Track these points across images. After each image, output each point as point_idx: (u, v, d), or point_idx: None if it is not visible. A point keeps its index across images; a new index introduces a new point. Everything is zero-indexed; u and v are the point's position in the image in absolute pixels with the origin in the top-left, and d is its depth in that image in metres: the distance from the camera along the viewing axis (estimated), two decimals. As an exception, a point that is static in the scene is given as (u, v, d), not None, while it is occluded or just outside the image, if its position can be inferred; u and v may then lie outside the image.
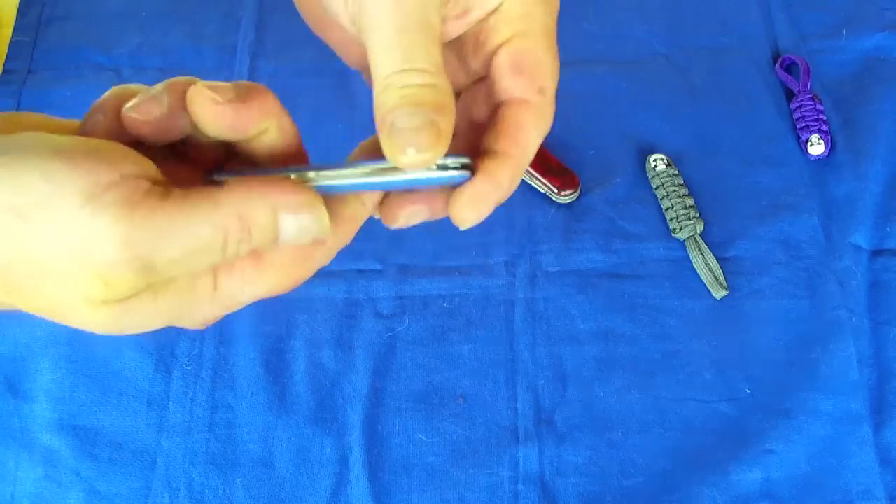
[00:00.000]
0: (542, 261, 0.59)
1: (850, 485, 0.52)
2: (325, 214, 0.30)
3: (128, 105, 0.30)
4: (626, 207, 0.61)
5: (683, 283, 0.58)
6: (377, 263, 0.59)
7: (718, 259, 0.58)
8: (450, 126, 0.29)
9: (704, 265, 0.58)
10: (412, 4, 0.30)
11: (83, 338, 0.57)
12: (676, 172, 0.61)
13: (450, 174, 0.30)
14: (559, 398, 0.55)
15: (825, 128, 0.61)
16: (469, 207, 0.31)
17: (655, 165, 0.61)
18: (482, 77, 0.34)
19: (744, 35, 0.68)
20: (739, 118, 0.64)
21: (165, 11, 0.72)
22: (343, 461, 0.54)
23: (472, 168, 0.31)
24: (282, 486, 0.53)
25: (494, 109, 0.33)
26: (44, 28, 0.71)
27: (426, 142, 0.29)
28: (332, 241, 0.32)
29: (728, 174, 0.62)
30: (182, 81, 0.30)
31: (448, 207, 0.31)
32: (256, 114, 0.30)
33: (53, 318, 0.30)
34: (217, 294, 0.30)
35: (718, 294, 0.57)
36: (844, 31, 0.67)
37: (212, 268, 0.30)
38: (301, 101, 0.66)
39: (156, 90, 0.30)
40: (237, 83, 0.30)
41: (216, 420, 0.55)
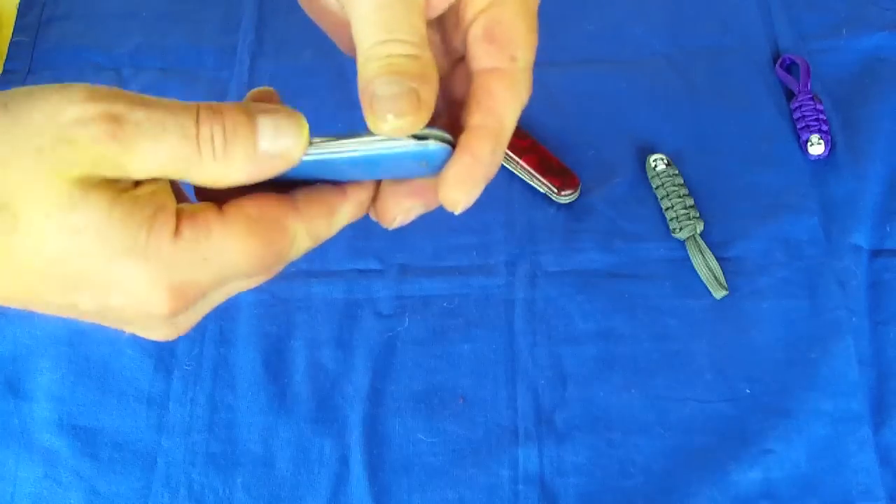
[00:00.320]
0: (542, 261, 0.59)
1: (850, 485, 0.52)
2: (305, 122, 0.29)
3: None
4: (626, 207, 0.61)
5: (683, 283, 0.58)
6: (377, 263, 0.59)
7: (718, 259, 0.58)
8: (431, 96, 0.29)
9: (704, 265, 0.58)
10: None
11: (83, 338, 0.57)
12: (676, 172, 0.61)
13: (426, 144, 0.29)
14: (559, 398, 0.55)
15: (825, 128, 0.61)
16: (456, 188, 0.30)
17: (655, 165, 0.61)
18: (463, 56, 0.34)
19: (744, 35, 0.68)
20: (739, 118, 0.64)
21: (165, 11, 0.72)
22: (343, 461, 0.54)
23: (454, 144, 0.30)
24: (282, 486, 0.53)
25: (471, 80, 0.32)
26: (44, 28, 0.71)
27: (405, 108, 0.28)
28: (310, 229, 0.31)
29: (728, 174, 0.62)
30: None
31: (438, 191, 0.31)
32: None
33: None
34: (178, 241, 0.28)
35: (718, 294, 0.57)
36: (844, 31, 0.67)
37: (173, 217, 0.28)
38: (301, 101, 0.65)
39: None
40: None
41: (216, 420, 0.55)
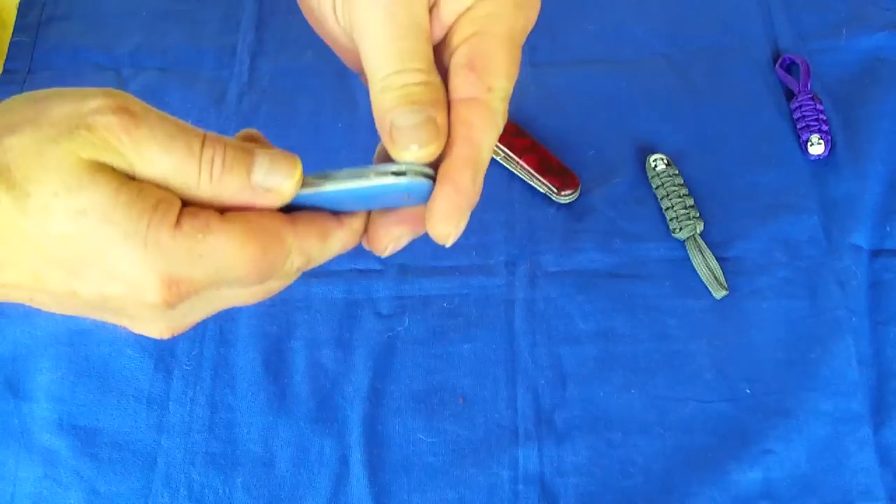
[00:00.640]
0: (542, 261, 0.59)
1: (850, 485, 0.52)
2: (299, 162, 0.31)
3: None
4: (626, 207, 0.61)
5: (683, 283, 0.58)
6: (377, 263, 0.59)
7: (718, 259, 0.58)
8: (445, 119, 0.31)
9: (704, 265, 0.58)
10: (403, 13, 0.31)
11: (83, 338, 0.57)
12: (676, 172, 0.61)
13: (405, 180, 0.31)
14: (559, 398, 0.55)
15: (825, 128, 0.61)
16: (443, 221, 0.31)
17: (655, 165, 0.61)
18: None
19: (744, 35, 0.68)
20: (739, 118, 0.64)
21: (165, 11, 0.72)
22: (343, 461, 0.54)
23: (432, 175, 0.31)
24: (282, 486, 0.53)
25: (450, 108, 0.33)
26: (44, 28, 0.71)
27: (427, 137, 0.30)
28: (304, 247, 0.32)
29: (728, 174, 0.62)
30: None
31: (426, 226, 0.32)
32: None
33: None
34: (177, 233, 0.29)
35: (718, 294, 0.57)
36: (844, 31, 0.67)
37: (176, 210, 0.29)
38: (301, 101, 0.66)
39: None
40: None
41: (216, 420, 0.55)
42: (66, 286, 0.29)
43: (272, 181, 0.30)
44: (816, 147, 0.61)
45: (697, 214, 0.59)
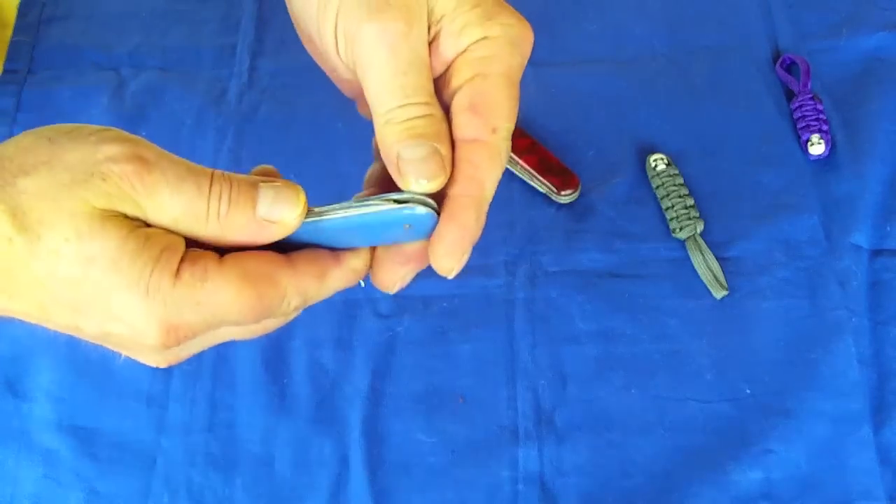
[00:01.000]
0: (542, 261, 0.59)
1: (850, 485, 0.52)
2: (303, 193, 0.32)
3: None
4: (626, 207, 0.61)
5: (683, 283, 0.58)
6: (377, 263, 0.59)
7: (718, 259, 0.58)
8: (449, 150, 0.33)
9: (704, 265, 0.58)
10: (405, 48, 0.32)
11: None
12: (676, 172, 0.61)
13: (408, 208, 0.32)
14: (559, 398, 0.55)
15: (825, 128, 0.61)
16: (448, 257, 0.33)
17: (655, 165, 0.61)
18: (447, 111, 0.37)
19: (744, 35, 0.68)
20: (739, 118, 0.64)
21: (165, 11, 0.72)
22: (343, 461, 0.54)
23: (434, 207, 0.33)
24: (282, 486, 0.53)
25: (453, 148, 0.34)
26: (44, 28, 0.71)
27: (434, 170, 0.32)
28: (301, 287, 0.33)
29: (728, 174, 0.62)
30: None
31: (430, 259, 0.34)
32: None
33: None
34: (177, 282, 0.30)
35: (718, 294, 0.57)
36: (844, 31, 0.67)
37: (178, 258, 0.31)
38: (301, 101, 0.66)
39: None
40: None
41: (216, 420, 0.55)
42: (71, 321, 0.31)
43: (276, 213, 0.32)
44: (816, 147, 0.61)
45: (697, 214, 0.59)
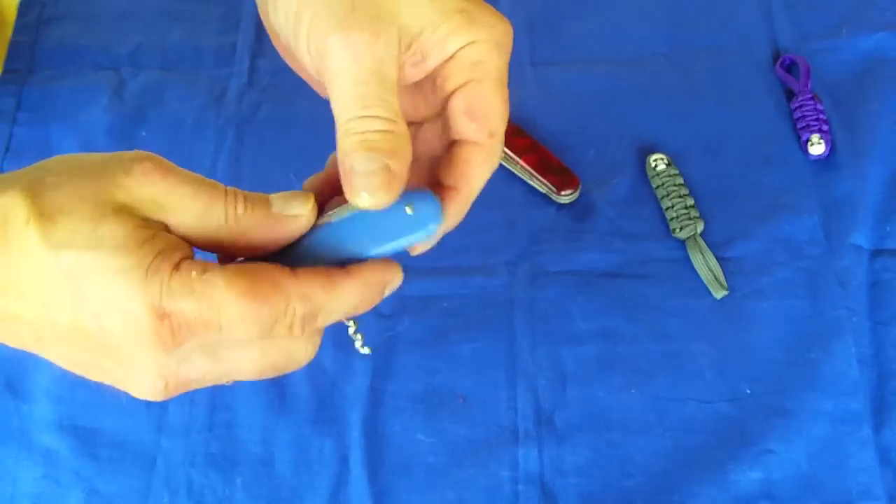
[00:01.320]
0: (543, 261, 0.59)
1: (850, 485, 0.52)
2: (311, 194, 0.34)
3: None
4: (627, 207, 0.61)
5: (683, 283, 0.58)
6: (377, 263, 0.59)
7: (718, 259, 0.58)
8: (403, 168, 0.33)
9: (704, 265, 0.58)
10: (368, 58, 0.32)
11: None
12: (676, 172, 0.61)
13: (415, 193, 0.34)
14: (559, 398, 0.55)
15: (825, 128, 0.61)
16: (421, 246, 0.35)
17: (656, 165, 0.61)
18: (434, 115, 0.38)
19: (744, 35, 0.68)
20: (739, 118, 0.64)
21: (165, 11, 0.72)
22: (343, 461, 0.54)
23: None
24: (282, 486, 0.53)
25: (448, 146, 0.36)
26: (44, 28, 0.71)
27: (377, 185, 0.32)
28: (305, 293, 0.32)
29: (728, 174, 0.62)
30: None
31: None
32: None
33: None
34: (175, 272, 0.30)
35: (718, 294, 0.57)
36: (844, 31, 0.67)
37: (181, 255, 0.31)
38: (300, 100, 0.65)
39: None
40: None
41: (216, 420, 0.55)
42: (70, 316, 0.30)
43: (290, 208, 0.33)
44: (816, 147, 0.61)
45: (697, 214, 0.59)
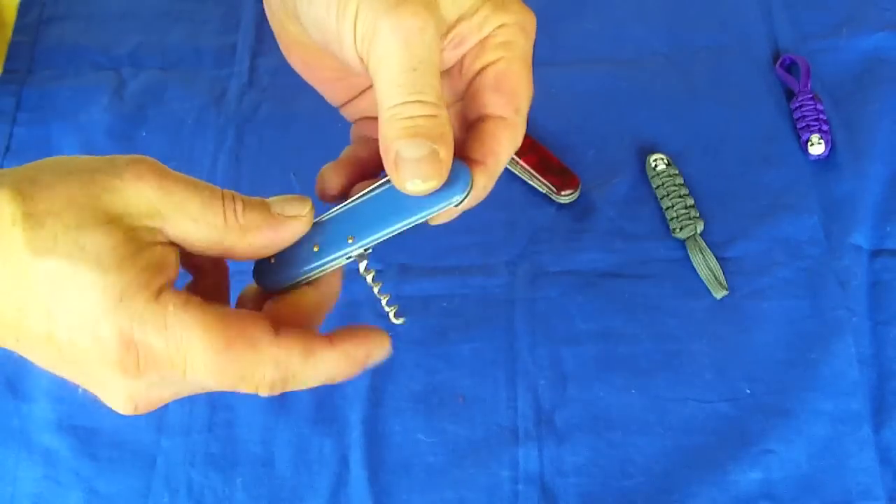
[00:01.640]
0: (543, 261, 0.59)
1: (850, 485, 0.52)
2: (310, 201, 0.34)
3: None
4: (627, 207, 0.61)
5: (683, 283, 0.58)
6: (377, 263, 0.59)
7: (718, 259, 0.58)
8: (449, 153, 0.33)
9: (704, 265, 0.58)
10: (418, 44, 0.32)
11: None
12: (676, 172, 0.61)
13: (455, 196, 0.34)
14: (559, 398, 0.55)
15: (825, 128, 0.61)
16: (444, 214, 0.34)
17: (655, 165, 0.61)
18: (458, 101, 0.38)
19: (744, 35, 0.68)
20: (739, 118, 0.64)
21: (165, 11, 0.72)
22: (343, 461, 0.54)
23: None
24: (282, 486, 0.53)
25: (473, 123, 0.36)
26: (44, 28, 0.71)
27: (430, 172, 0.32)
28: (283, 359, 0.32)
29: (728, 174, 0.62)
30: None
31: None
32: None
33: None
34: (153, 302, 0.30)
35: (718, 294, 0.57)
36: (844, 31, 0.67)
37: (164, 280, 0.31)
38: (300, 101, 0.65)
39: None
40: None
41: (216, 420, 0.55)
42: (44, 328, 0.30)
43: (289, 209, 0.34)
44: (816, 147, 0.61)
45: (697, 214, 0.59)
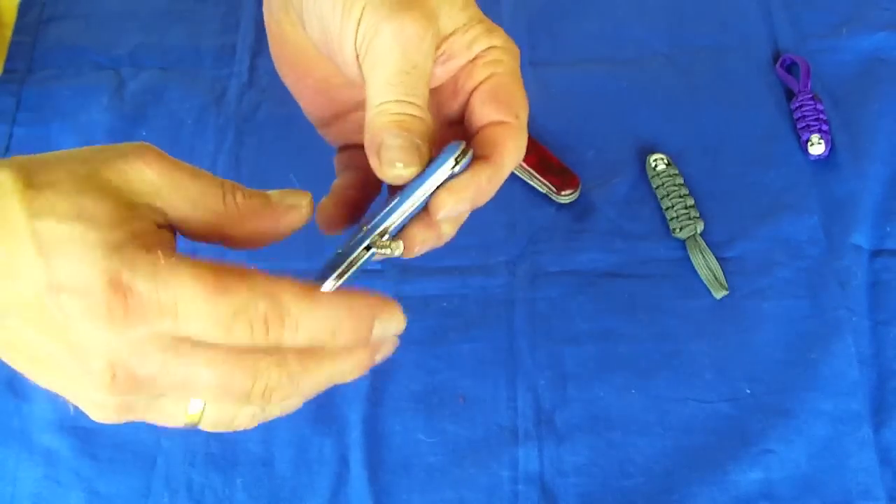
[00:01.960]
0: (543, 261, 0.59)
1: (850, 485, 0.52)
2: (310, 194, 0.35)
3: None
4: (627, 207, 0.61)
5: (683, 283, 0.58)
6: (377, 263, 0.59)
7: (718, 259, 0.58)
8: (428, 153, 0.35)
9: (705, 265, 0.58)
10: (415, 50, 0.34)
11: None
12: (676, 172, 0.61)
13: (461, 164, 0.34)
14: (559, 398, 0.55)
15: (825, 128, 0.61)
16: (449, 196, 0.34)
17: (656, 165, 0.61)
18: (452, 121, 0.39)
19: (744, 35, 0.68)
20: (739, 118, 0.64)
21: (165, 11, 0.72)
22: (343, 461, 0.54)
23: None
24: (282, 486, 0.53)
25: (475, 134, 0.37)
26: (44, 28, 0.71)
27: (411, 159, 0.34)
28: (277, 293, 0.31)
29: (728, 174, 0.62)
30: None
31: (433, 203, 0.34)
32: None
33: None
34: (145, 252, 0.29)
35: (718, 294, 0.57)
36: (844, 31, 0.67)
37: (157, 239, 0.31)
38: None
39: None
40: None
41: (216, 420, 0.55)
42: (32, 289, 0.29)
43: (288, 199, 0.34)
44: (816, 147, 0.61)
45: (697, 214, 0.59)
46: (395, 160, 0.34)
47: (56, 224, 0.29)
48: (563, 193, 0.60)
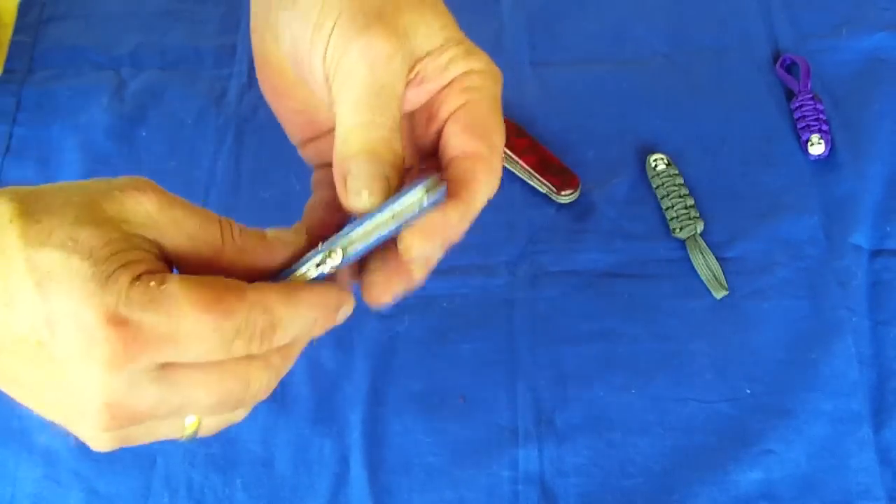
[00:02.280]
0: (543, 260, 0.59)
1: (850, 485, 0.52)
2: (304, 228, 0.36)
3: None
4: (627, 207, 0.61)
5: (683, 283, 0.58)
6: (377, 263, 0.59)
7: (718, 259, 0.58)
8: (397, 181, 0.34)
9: (705, 265, 0.58)
10: (383, 70, 0.33)
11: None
12: (676, 172, 0.61)
13: (435, 196, 0.32)
14: (559, 398, 0.55)
15: (825, 128, 0.61)
16: (418, 236, 0.33)
17: (656, 165, 0.61)
18: (430, 150, 0.37)
19: (744, 35, 0.68)
20: (739, 118, 0.64)
21: (165, 11, 0.72)
22: (343, 461, 0.54)
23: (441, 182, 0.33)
24: (282, 486, 0.53)
25: (447, 166, 0.35)
26: (44, 28, 0.71)
27: (379, 189, 0.33)
28: (268, 303, 0.32)
29: (728, 174, 0.62)
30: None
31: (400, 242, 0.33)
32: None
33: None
34: (136, 282, 0.29)
35: (718, 294, 0.57)
36: (844, 31, 0.67)
37: (146, 268, 0.30)
38: (301, 101, 0.66)
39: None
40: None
41: (216, 420, 0.55)
42: (28, 322, 0.29)
43: (283, 235, 0.34)
44: (816, 147, 0.61)
45: (697, 214, 0.59)
46: (362, 188, 0.33)
47: (52, 254, 0.29)
48: (563, 193, 0.60)
